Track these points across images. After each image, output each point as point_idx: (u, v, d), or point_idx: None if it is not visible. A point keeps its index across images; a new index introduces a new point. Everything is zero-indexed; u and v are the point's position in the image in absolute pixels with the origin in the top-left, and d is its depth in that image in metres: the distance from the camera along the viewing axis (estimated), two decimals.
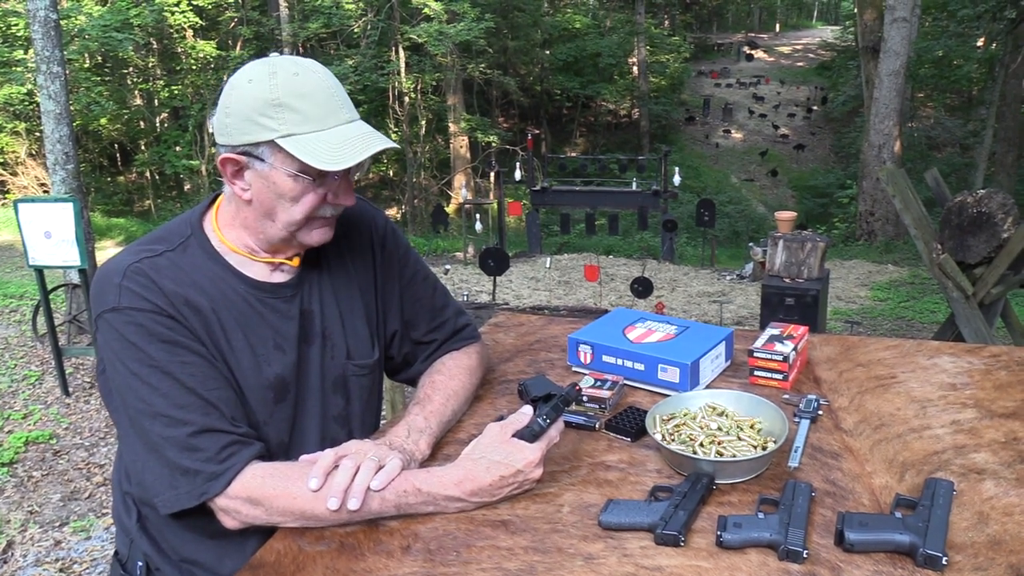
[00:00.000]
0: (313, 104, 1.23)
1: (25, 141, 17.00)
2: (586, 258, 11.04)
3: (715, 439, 1.30)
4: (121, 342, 1.23)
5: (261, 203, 1.28)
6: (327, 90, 1.24)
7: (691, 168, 21.22)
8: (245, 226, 1.33)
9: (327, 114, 1.23)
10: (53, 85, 5.86)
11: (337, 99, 1.26)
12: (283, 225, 1.29)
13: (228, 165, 1.27)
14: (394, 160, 21.64)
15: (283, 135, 1.22)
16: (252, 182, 1.27)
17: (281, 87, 1.22)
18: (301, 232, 1.31)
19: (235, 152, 1.25)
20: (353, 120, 1.27)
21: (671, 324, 1.74)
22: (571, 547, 1.10)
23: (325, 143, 1.21)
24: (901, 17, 12.12)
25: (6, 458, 4.32)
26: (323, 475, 1.19)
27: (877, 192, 12.67)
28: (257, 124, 1.22)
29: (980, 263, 4.73)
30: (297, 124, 1.22)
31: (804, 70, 31.03)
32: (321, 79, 1.25)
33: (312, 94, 1.23)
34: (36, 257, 4.93)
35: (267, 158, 1.24)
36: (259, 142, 1.23)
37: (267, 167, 1.24)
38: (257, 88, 1.22)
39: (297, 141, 1.21)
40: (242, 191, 1.28)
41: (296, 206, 1.27)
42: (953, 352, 1.74)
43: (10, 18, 15.01)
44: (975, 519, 1.12)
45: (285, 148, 1.21)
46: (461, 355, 1.57)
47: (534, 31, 22.37)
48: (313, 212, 1.28)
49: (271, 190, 1.26)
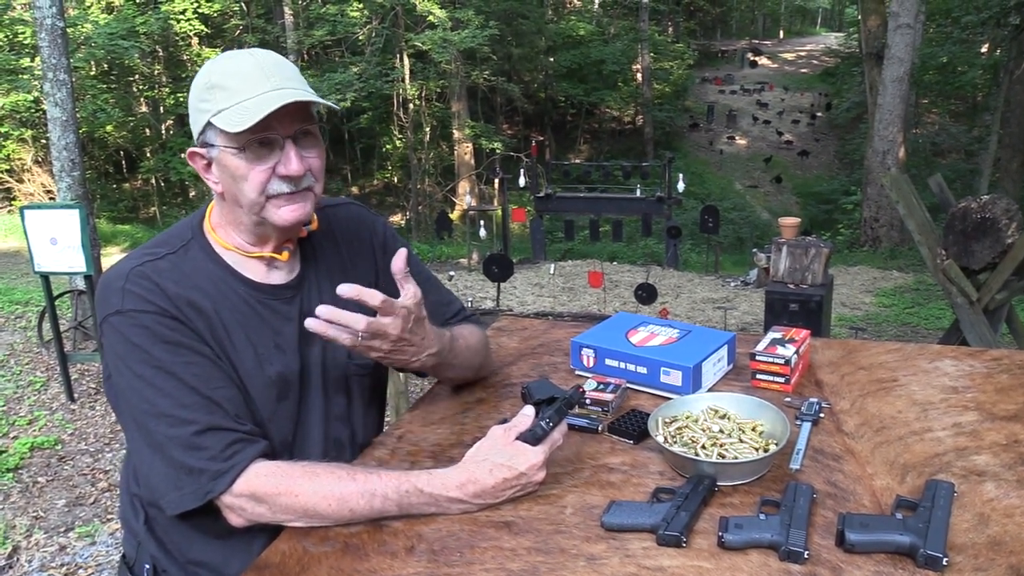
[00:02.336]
0: (240, 79, 1.24)
1: (31, 148, 17.09)
2: (590, 264, 11.03)
3: (717, 441, 1.31)
4: (125, 344, 1.25)
5: (228, 191, 1.30)
6: (258, 66, 1.26)
7: (695, 174, 21.22)
8: (228, 221, 1.36)
9: (252, 85, 1.24)
10: (59, 92, 5.90)
11: (266, 71, 1.25)
12: (247, 208, 1.30)
13: (196, 160, 1.31)
14: (399, 167, 21.73)
15: (214, 113, 1.25)
16: (216, 171, 1.30)
17: (215, 70, 1.26)
18: (267, 212, 1.30)
19: (197, 145, 1.29)
20: (281, 88, 1.25)
21: (673, 328, 1.74)
22: (574, 548, 1.11)
23: (244, 109, 1.22)
24: (905, 23, 12.13)
25: (11, 464, 4.34)
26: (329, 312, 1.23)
27: (881, 198, 12.66)
28: (199, 111, 1.27)
29: (984, 269, 4.73)
30: (225, 100, 1.24)
31: (808, 77, 31.03)
32: (257, 59, 1.27)
33: (240, 71, 1.25)
34: (42, 263, 4.96)
35: (214, 141, 1.27)
36: (203, 128, 1.27)
37: (217, 151, 1.27)
38: (199, 77, 1.28)
39: (223, 115, 1.24)
40: (215, 184, 1.31)
41: (247, 184, 1.27)
42: (955, 355, 1.74)
43: (17, 26, 15.09)
44: (976, 520, 1.13)
45: (216, 125, 1.24)
46: (471, 325, 1.63)
47: (538, 38, 22.42)
48: (264, 188, 1.27)
49: (227, 174, 1.28)
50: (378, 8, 17.74)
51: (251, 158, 1.26)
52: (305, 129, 1.29)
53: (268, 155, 1.27)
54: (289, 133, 1.26)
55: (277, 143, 1.26)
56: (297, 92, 1.25)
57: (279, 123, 1.24)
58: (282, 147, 1.27)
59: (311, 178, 1.31)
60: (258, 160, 1.26)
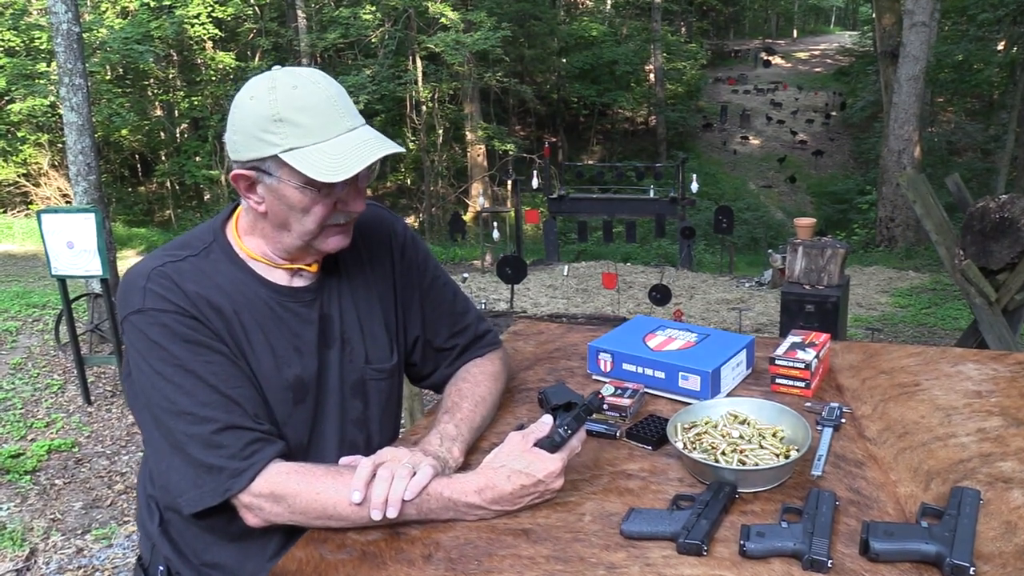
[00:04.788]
0: (313, 116, 1.23)
1: (48, 152, 17.24)
2: (604, 266, 11.01)
3: (737, 447, 1.29)
4: (146, 342, 1.25)
5: (275, 215, 1.30)
6: (327, 100, 1.25)
7: (709, 175, 21.15)
8: (263, 236, 1.35)
9: (327, 124, 1.24)
10: (75, 97, 5.94)
11: (338, 108, 1.26)
12: (298, 235, 1.31)
13: (240, 181, 1.29)
14: (411, 169, 21.76)
15: (285, 150, 1.23)
16: (264, 195, 1.29)
17: (280, 102, 1.23)
18: (317, 240, 1.32)
19: (245, 168, 1.27)
20: (355, 127, 1.27)
21: (691, 332, 1.73)
22: (593, 556, 1.10)
23: (327, 154, 1.22)
24: (920, 21, 12.04)
25: (29, 466, 4.37)
26: (363, 487, 1.20)
27: (897, 198, 12.58)
28: (261, 140, 1.24)
29: (1003, 269, 4.68)
30: (299, 138, 1.23)
31: (822, 76, 30.87)
32: (321, 89, 1.25)
33: (311, 106, 1.24)
34: (59, 267, 4.99)
35: (274, 172, 1.25)
36: (264, 157, 1.25)
37: (275, 180, 1.26)
38: (258, 105, 1.24)
39: (299, 154, 1.22)
40: (256, 204, 1.30)
41: (307, 217, 1.28)
42: (977, 359, 1.72)
43: (33, 31, 15.22)
44: (1003, 528, 1.11)
45: (288, 162, 1.23)
46: (485, 362, 1.58)
47: (550, 40, 22.43)
48: (325, 221, 1.29)
49: (282, 202, 1.27)
50: (391, 11, 17.80)
51: (318, 196, 1.26)
52: None
53: (332, 191, 1.28)
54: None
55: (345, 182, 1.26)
56: (377, 140, 1.26)
57: None
58: (345, 184, 1.27)
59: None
60: (325, 197, 1.27)
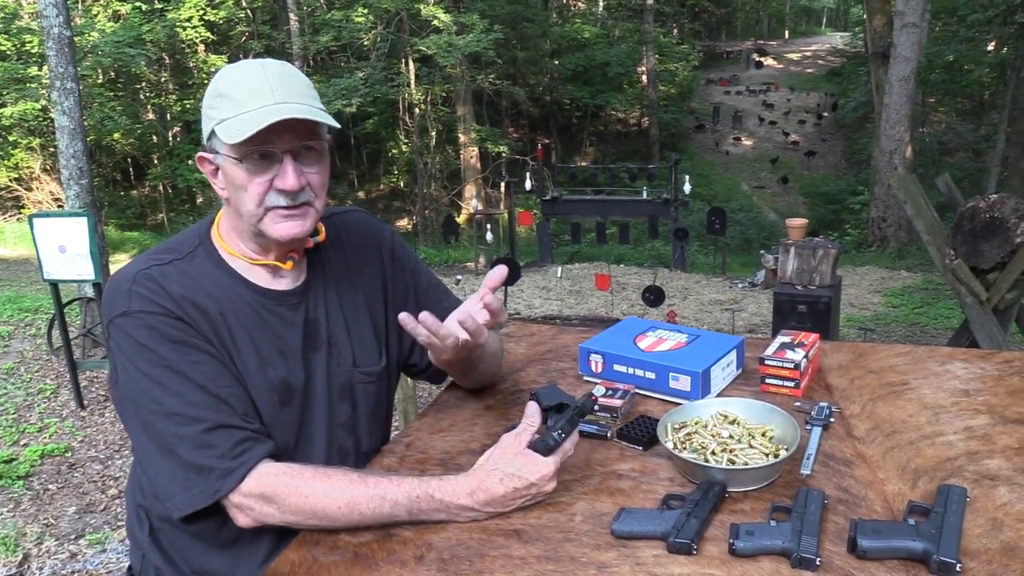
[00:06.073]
0: (245, 90, 1.25)
1: (40, 156, 17.17)
2: (597, 267, 11.02)
3: (727, 447, 1.30)
4: (132, 345, 1.25)
5: (231, 198, 1.32)
6: (265, 77, 1.26)
7: (701, 176, 21.19)
8: (233, 228, 1.37)
9: (255, 95, 1.25)
10: (67, 101, 5.93)
11: (272, 84, 1.26)
12: (247, 218, 1.31)
13: (204, 164, 1.33)
14: (405, 171, 21.77)
15: (218, 122, 1.26)
16: (222, 179, 1.32)
17: (223, 79, 1.28)
18: (264, 224, 1.30)
19: (206, 150, 1.31)
20: (287, 102, 1.25)
21: (682, 333, 1.74)
22: (584, 556, 1.10)
23: (244, 121, 1.23)
24: (911, 22, 12.10)
25: (22, 471, 4.35)
26: None
27: (889, 198, 12.62)
28: (207, 117, 1.29)
29: (993, 268, 4.70)
30: (228, 109, 1.25)
31: (814, 77, 30.96)
32: (265, 69, 1.27)
33: (246, 81, 1.26)
34: (51, 271, 4.98)
35: (219, 149, 1.28)
36: (209, 134, 1.29)
37: (222, 159, 1.29)
38: (211, 84, 1.30)
39: (225, 124, 1.25)
40: (221, 190, 1.33)
41: (246, 195, 1.28)
42: (965, 358, 1.73)
43: (25, 35, 15.18)
44: (989, 526, 1.12)
45: (218, 134, 1.26)
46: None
47: (543, 42, 22.46)
48: (263, 200, 1.28)
49: (229, 181, 1.30)
50: (383, 13, 17.79)
51: (250, 169, 1.27)
52: (307, 145, 1.29)
53: (267, 168, 1.27)
54: (288, 148, 1.26)
55: (277, 157, 1.27)
56: (297, 108, 1.24)
57: (279, 138, 1.25)
58: (281, 161, 1.27)
59: (310, 193, 1.31)
60: (257, 172, 1.27)
